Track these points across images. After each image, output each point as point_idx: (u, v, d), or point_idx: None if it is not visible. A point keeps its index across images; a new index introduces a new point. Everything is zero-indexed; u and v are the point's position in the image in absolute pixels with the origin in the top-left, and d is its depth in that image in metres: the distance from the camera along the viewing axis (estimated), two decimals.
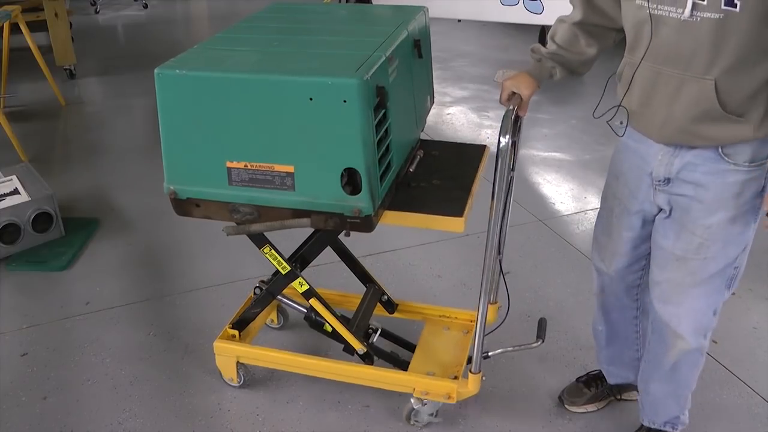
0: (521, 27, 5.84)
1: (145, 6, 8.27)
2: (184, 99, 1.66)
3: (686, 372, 1.90)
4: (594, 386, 2.23)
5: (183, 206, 1.81)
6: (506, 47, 6.42)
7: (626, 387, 2.24)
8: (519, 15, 5.26)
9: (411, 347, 2.29)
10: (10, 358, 2.49)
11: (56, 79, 5.11)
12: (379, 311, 2.38)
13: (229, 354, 2.23)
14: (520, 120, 1.89)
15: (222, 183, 1.72)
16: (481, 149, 2.17)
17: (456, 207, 1.83)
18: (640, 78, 1.63)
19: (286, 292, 2.20)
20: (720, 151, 1.58)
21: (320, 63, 1.68)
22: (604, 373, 2.22)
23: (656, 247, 1.80)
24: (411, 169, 2.00)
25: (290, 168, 1.65)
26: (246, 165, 1.68)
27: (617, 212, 1.87)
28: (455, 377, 2.06)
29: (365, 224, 1.70)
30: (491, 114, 4.77)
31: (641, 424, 2.07)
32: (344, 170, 1.62)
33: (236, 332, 2.23)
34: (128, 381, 2.37)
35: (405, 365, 2.16)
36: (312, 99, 1.55)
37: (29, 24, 4.77)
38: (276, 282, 2.13)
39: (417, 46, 1.96)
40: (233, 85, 1.62)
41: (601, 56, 1.85)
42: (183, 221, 1.92)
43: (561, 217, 3.51)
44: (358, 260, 2.37)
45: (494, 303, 2.23)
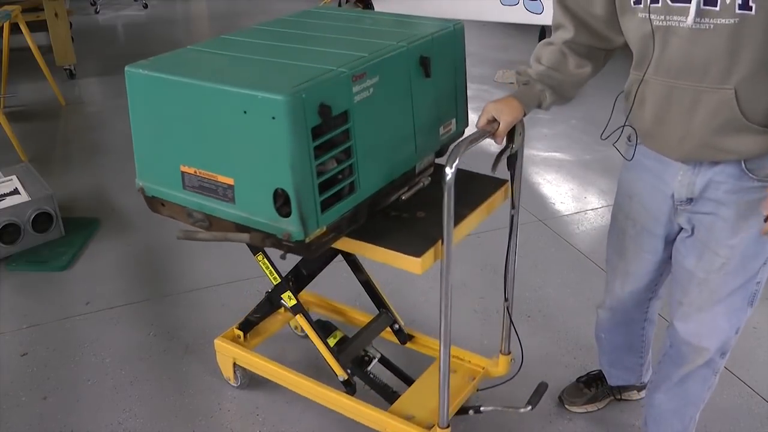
0: (521, 27, 5.83)
1: (145, 6, 8.26)
2: (147, 98, 1.65)
3: (695, 388, 1.83)
4: (594, 386, 2.23)
5: (151, 203, 1.79)
6: (506, 47, 6.41)
7: (627, 387, 2.23)
8: (519, 15, 5.25)
9: (410, 382, 2.14)
10: (10, 358, 2.49)
11: (56, 79, 5.11)
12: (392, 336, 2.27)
13: (227, 354, 2.24)
14: (516, 151, 1.73)
15: (178, 186, 1.68)
16: (498, 184, 1.92)
17: (420, 246, 1.64)
18: (652, 95, 1.55)
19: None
20: (743, 167, 1.51)
21: (268, 74, 1.58)
22: (605, 375, 2.21)
23: (678, 268, 1.73)
24: (404, 197, 1.81)
25: (230, 180, 1.57)
26: (196, 171, 1.63)
27: (632, 233, 1.80)
28: (431, 426, 1.87)
29: (301, 249, 1.56)
30: None
31: None
32: (280, 190, 1.49)
33: (241, 333, 2.23)
34: (128, 381, 2.37)
35: (395, 400, 2.03)
36: (246, 112, 1.46)
37: (29, 24, 4.77)
38: (272, 291, 2.10)
39: (424, 64, 1.73)
40: (181, 90, 1.57)
41: (607, 64, 1.77)
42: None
43: (561, 217, 3.51)
44: (374, 282, 2.23)
45: (507, 354, 2.09)
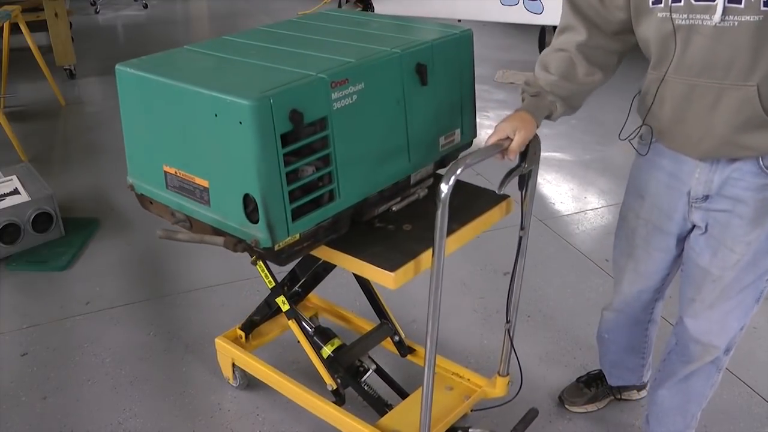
0: (521, 27, 5.84)
1: (145, 6, 8.26)
2: (134, 96, 1.66)
3: (698, 385, 1.85)
4: (594, 386, 2.23)
5: (141, 200, 1.80)
6: (506, 47, 6.41)
7: (627, 387, 2.24)
8: (519, 15, 5.26)
9: (405, 396, 2.11)
10: (10, 358, 2.49)
11: (56, 79, 5.11)
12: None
13: (226, 354, 2.24)
14: (530, 170, 1.70)
15: (162, 185, 1.68)
16: (498, 199, 1.85)
17: (396, 260, 1.59)
18: (671, 94, 1.53)
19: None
20: (761, 163, 1.51)
21: (246, 78, 1.56)
22: (606, 375, 2.21)
23: (692, 265, 1.72)
24: (394, 209, 1.76)
25: (206, 183, 1.57)
26: (176, 172, 1.63)
27: (642, 233, 1.79)
28: None
29: (271, 256, 1.54)
30: (491, 114, 4.76)
31: None
32: (250, 195, 1.48)
33: (243, 334, 2.23)
34: (128, 381, 2.37)
35: (385, 413, 1.98)
36: (217, 115, 1.45)
37: (29, 24, 4.77)
38: (268, 295, 2.09)
39: (420, 72, 1.69)
40: (162, 89, 1.57)
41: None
42: None
43: (561, 217, 3.51)
44: (376, 292, 2.18)
45: (504, 376, 2.02)
